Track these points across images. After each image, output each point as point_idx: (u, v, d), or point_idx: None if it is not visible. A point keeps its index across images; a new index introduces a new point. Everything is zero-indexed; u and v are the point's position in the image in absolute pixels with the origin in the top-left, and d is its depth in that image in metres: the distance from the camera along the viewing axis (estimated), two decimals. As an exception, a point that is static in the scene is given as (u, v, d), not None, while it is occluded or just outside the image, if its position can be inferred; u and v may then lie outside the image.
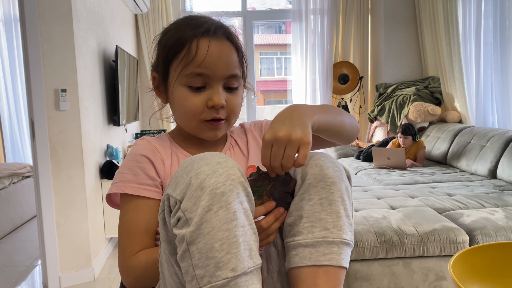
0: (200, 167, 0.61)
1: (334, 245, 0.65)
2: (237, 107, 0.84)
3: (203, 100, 0.80)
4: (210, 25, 0.80)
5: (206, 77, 0.80)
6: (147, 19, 4.24)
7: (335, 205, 0.67)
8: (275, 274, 0.72)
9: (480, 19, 3.38)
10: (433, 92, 4.04)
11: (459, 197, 2.29)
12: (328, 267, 0.65)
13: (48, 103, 2.30)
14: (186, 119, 0.84)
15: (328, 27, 4.44)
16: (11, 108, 4.52)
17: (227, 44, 0.81)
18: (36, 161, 2.29)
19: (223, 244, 0.58)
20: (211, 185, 0.59)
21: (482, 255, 0.95)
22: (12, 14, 4.44)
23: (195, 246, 0.58)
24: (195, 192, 0.59)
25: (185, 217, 0.59)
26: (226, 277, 0.57)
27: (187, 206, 0.59)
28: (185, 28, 0.81)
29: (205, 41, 0.79)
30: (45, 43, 2.27)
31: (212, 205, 0.58)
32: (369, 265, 1.83)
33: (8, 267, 2.70)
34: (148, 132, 3.97)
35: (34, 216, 3.73)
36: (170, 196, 0.62)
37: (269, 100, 13.05)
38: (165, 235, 0.65)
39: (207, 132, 0.84)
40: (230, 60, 0.81)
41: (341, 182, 0.69)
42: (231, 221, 0.59)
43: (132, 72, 3.48)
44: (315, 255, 0.65)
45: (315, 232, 0.66)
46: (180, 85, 0.81)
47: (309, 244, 0.65)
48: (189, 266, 0.59)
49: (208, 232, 0.58)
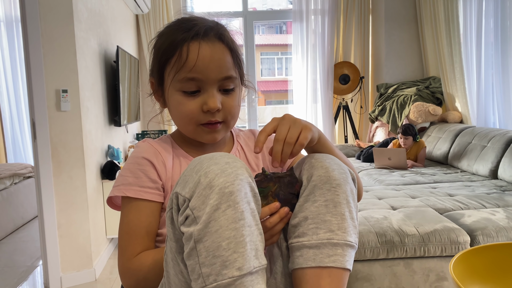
0: (209, 166, 0.62)
1: (339, 247, 0.66)
2: (234, 109, 0.84)
3: (198, 104, 0.80)
4: (200, 28, 0.79)
5: (199, 81, 0.79)
6: (148, 19, 4.24)
7: (340, 207, 0.67)
8: (278, 275, 0.73)
9: (481, 19, 3.38)
10: (434, 92, 4.04)
11: (460, 198, 2.29)
12: (332, 268, 0.65)
13: (49, 103, 2.30)
14: (183, 124, 0.83)
15: (329, 27, 4.44)
16: (13, 108, 4.53)
17: (218, 46, 0.80)
18: (37, 162, 2.30)
19: (230, 243, 0.58)
20: (220, 184, 0.60)
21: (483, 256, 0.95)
22: (13, 15, 4.44)
23: (202, 244, 0.59)
24: (204, 191, 0.60)
25: (193, 215, 0.60)
26: (232, 276, 0.57)
27: (195, 205, 0.60)
28: (176, 32, 0.80)
29: (195, 45, 0.78)
30: (46, 44, 2.27)
31: (221, 204, 0.59)
32: (370, 266, 1.83)
33: (9, 268, 2.71)
34: (149, 132, 3.97)
35: (35, 217, 3.73)
36: (179, 194, 0.62)
37: (270, 100, 13.05)
38: (172, 233, 0.65)
39: (205, 135, 0.83)
40: (222, 62, 0.80)
41: (346, 185, 0.69)
42: (239, 221, 0.59)
43: (133, 73, 3.48)
44: (319, 256, 0.65)
45: (320, 233, 0.66)
46: (174, 90, 0.81)
47: (314, 245, 0.66)
48: (195, 264, 0.59)
49: (215, 230, 0.58)
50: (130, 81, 3.33)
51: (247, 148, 0.94)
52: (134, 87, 3.53)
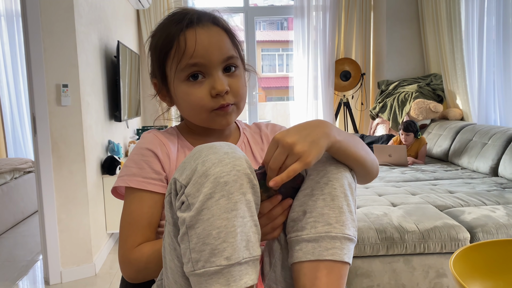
0: (207, 155, 0.62)
1: (337, 240, 0.65)
2: (241, 90, 0.83)
3: (206, 90, 0.80)
4: (192, 15, 0.80)
5: (202, 66, 0.79)
6: (149, 14, 4.23)
7: (337, 201, 0.67)
8: (278, 268, 0.73)
9: (483, 16, 3.37)
10: (435, 89, 4.03)
11: (460, 195, 2.29)
12: (330, 261, 0.65)
13: (50, 98, 2.30)
14: (195, 114, 0.83)
15: (330, 23, 4.42)
16: (13, 103, 4.52)
17: (214, 29, 0.80)
18: (38, 157, 2.30)
19: (221, 232, 0.59)
20: (216, 173, 0.60)
21: (483, 252, 0.95)
22: (14, 9, 4.43)
23: (194, 230, 0.59)
24: (199, 179, 0.60)
25: (188, 202, 0.61)
26: (220, 264, 0.58)
27: (190, 191, 0.61)
28: (169, 26, 0.81)
29: (191, 32, 0.78)
30: (47, 39, 2.27)
31: (214, 193, 0.59)
32: (370, 262, 1.83)
33: (9, 262, 2.71)
34: (150, 127, 3.97)
35: (36, 211, 3.74)
36: (177, 180, 0.63)
37: (271, 96, 13.03)
38: (170, 217, 0.66)
39: (219, 120, 0.82)
40: (222, 43, 0.80)
41: (344, 179, 0.69)
42: (231, 211, 0.59)
43: (134, 68, 3.48)
44: (317, 250, 0.65)
45: (318, 227, 0.66)
46: (179, 82, 0.80)
47: (312, 239, 0.66)
48: (186, 248, 0.60)
49: (207, 219, 0.59)
50: (131, 76, 3.32)
51: (253, 140, 0.94)
52: (135, 82, 3.52)
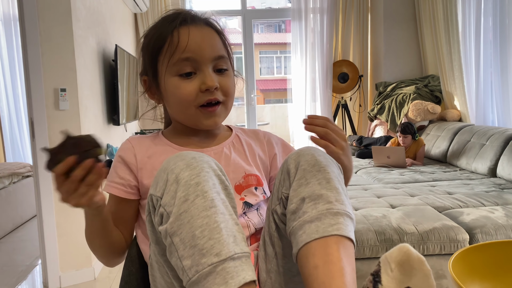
0: (175, 163, 0.63)
1: (340, 216, 0.63)
2: (230, 89, 0.84)
3: (195, 85, 0.81)
4: (186, 15, 0.82)
5: (194, 62, 0.80)
6: (147, 18, 4.23)
7: (333, 183, 0.67)
8: (273, 274, 0.72)
9: (480, 17, 3.38)
10: (433, 90, 4.04)
11: (459, 196, 2.29)
12: (338, 236, 0.62)
13: (48, 102, 2.29)
14: (181, 109, 0.83)
15: (328, 26, 4.43)
16: (11, 107, 4.52)
17: (207, 29, 0.83)
18: (36, 161, 2.29)
19: (204, 230, 0.58)
20: (186, 177, 0.61)
21: (482, 254, 0.95)
22: (12, 14, 4.43)
23: (177, 237, 0.59)
24: (171, 186, 0.61)
25: (166, 212, 0.61)
26: (211, 263, 0.56)
27: (166, 201, 0.61)
28: (162, 25, 0.83)
29: (185, 29, 0.80)
30: (45, 43, 2.27)
31: (188, 195, 0.60)
32: (369, 264, 1.83)
33: (8, 267, 2.70)
34: (149, 131, 3.97)
35: (34, 216, 3.73)
36: (153, 195, 0.64)
37: (269, 99, 13.04)
38: (153, 236, 0.67)
39: (205, 120, 0.83)
40: (214, 42, 0.82)
41: (334, 167, 0.70)
42: (210, 208, 0.59)
43: (132, 72, 3.48)
44: (321, 227, 0.62)
45: (319, 206, 0.64)
46: (170, 76, 0.81)
47: (315, 218, 0.63)
48: (176, 259, 0.59)
49: (188, 221, 0.59)
50: (129, 80, 3.32)
51: (247, 143, 0.93)
52: (133, 86, 3.52)
